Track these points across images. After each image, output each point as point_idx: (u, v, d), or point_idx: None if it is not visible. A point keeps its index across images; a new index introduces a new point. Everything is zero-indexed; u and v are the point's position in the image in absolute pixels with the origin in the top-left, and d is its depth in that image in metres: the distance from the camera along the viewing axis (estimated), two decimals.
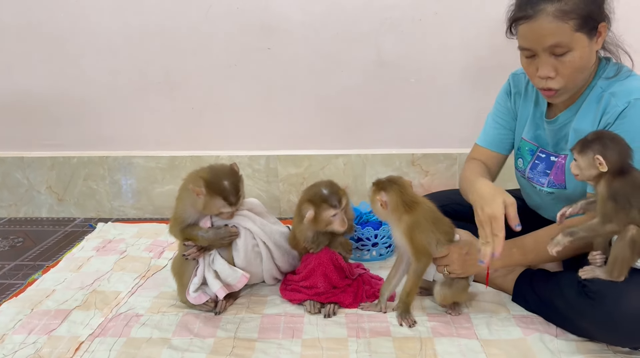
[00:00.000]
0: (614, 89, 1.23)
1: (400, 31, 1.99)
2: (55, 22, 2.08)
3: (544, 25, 1.17)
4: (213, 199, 1.36)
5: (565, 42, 1.17)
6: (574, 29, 1.16)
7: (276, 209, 2.21)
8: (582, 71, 1.23)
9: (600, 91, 1.26)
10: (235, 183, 1.38)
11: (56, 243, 2.01)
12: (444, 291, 1.37)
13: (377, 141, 2.14)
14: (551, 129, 1.37)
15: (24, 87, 2.18)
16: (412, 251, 1.34)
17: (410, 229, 1.32)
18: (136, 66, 2.11)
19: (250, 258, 1.47)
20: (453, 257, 1.32)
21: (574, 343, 1.25)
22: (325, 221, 1.41)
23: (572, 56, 1.19)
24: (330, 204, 1.39)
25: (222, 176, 1.37)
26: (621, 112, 1.20)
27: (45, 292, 1.57)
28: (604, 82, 1.26)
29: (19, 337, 1.35)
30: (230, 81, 2.10)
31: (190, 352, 1.28)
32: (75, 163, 2.22)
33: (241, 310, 1.46)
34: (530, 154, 1.44)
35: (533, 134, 1.43)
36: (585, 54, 1.20)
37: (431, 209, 1.36)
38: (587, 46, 1.19)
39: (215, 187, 1.35)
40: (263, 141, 2.17)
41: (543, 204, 1.46)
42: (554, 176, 1.37)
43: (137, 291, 1.57)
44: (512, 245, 1.30)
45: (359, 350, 1.26)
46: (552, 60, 1.21)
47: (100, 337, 1.34)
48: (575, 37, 1.17)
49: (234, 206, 1.38)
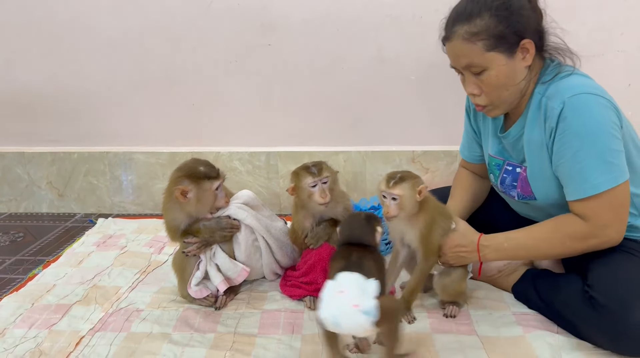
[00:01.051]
0: (549, 92, 1.23)
1: (401, 28, 1.99)
2: (55, 18, 2.08)
3: (457, 47, 1.23)
4: (201, 186, 1.37)
5: (477, 62, 1.21)
6: (485, 49, 1.19)
7: (276, 205, 2.22)
8: (506, 88, 1.24)
9: (539, 97, 1.25)
10: (204, 162, 1.42)
11: (56, 239, 2.01)
12: (443, 281, 1.38)
13: (377, 138, 2.14)
14: (507, 142, 1.37)
15: (24, 83, 2.18)
16: (423, 251, 1.33)
17: (428, 227, 1.31)
18: (136, 62, 2.11)
19: (251, 252, 1.48)
20: (444, 249, 1.33)
21: (574, 341, 1.26)
22: (306, 192, 1.41)
23: (489, 75, 1.22)
24: (309, 171, 1.40)
25: (192, 166, 1.41)
26: (560, 114, 1.18)
27: (45, 287, 1.58)
28: (541, 87, 1.26)
29: (19, 331, 1.36)
30: (230, 77, 2.10)
31: (190, 346, 1.28)
32: (76, 159, 2.22)
33: (241, 305, 1.47)
34: (497, 169, 1.44)
35: (497, 149, 1.43)
36: (503, 71, 1.21)
37: (436, 200, 1.36)
38: (505, 64, 1.21)
39: (194, 174, 1.38)
40: (263, 137, 2.17)
41: (525, 212, 1.46)
42: (520, 188, 1.36)
43: (137, 287, 1.57)
44: (503, 239, 1.30)
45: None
46: (474, 78, 1.25)
47: (100, 332, 1.35)
48: (488, 57, 1.20)
49: (219, 178, 1.40)
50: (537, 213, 1.39)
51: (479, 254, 1.32)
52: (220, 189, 1.43)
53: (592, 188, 1.18)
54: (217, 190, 1.42)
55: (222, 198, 1.44)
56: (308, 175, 1.40)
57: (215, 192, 1.42)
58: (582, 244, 1.23)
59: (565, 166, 1.21)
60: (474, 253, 1.32)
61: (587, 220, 1.21)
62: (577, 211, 1.22)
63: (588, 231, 1.21)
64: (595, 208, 1.19)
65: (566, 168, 1.21)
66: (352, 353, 1.23)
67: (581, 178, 1.18)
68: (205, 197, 1.39)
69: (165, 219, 1.45)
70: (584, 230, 1.21)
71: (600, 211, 1.19)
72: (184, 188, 1.36)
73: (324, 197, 1.40)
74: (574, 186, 1.21)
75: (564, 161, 1.21)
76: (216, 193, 1.42)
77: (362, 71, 2.05)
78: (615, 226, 1.21)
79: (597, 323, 1.17)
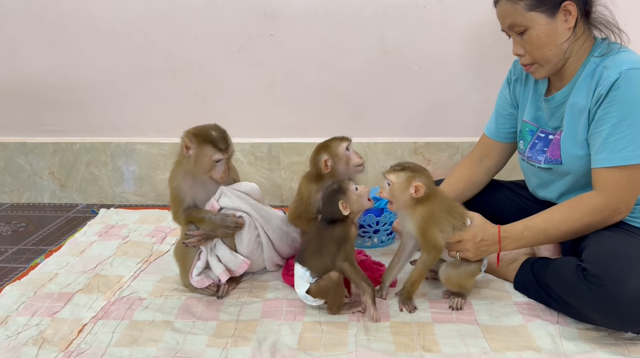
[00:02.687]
0: (606, 63, 1.28)
1: (404, 18, 1.98)
2: (57, 7, 2.08)
3: (502, 7, 1.33)
4: (203, 149, 1.38)
5: (519, 21, 1.30)
6: (526, 9, 1.28)
7: (278, 197, 2.22)
8: (549, 47, 1.30)
9: (594, 66, 1.31)
10: (222, 132, 1.41)
11: (58, 229, 2.01)
12: (448, 272, 1.37)
13: (380, 129, 2.13)
14: (549, 107, 1.41)
15: (26, 73, 2.17)
16: (423, 245, 1.33)
17: (425, 222, 1.31)
18: (139, 52, 2.11)
19: (253, 248, 1.48)
20: (467, 245, 1.32)
21: (575, 331, 1.26)
22: (344, 157, 1.45)
23: (530, 34, 1.30)
24: (340, 138, 1.48)
25: (208, 128, 1.42)
26: (614, 83, 1.23)
27: (48, 275, 1.58)
28: (597, 59, 1.31)
29: (22, 319, 1.36)
30: (232, 67, 2.09)
31: (192, 334, 1.29)
32: (78, 149, 2.22)
33: (243, 294, 1.47)
34: (530, 135, 1.47)
35: (533, 115, 1.47)
36: (544, 31, 1.28)
37: (445, 197, 1.36)
38: (547, 24, 1.28)
39: (203, 135, 1.39)
40: (265, 128, 2.17)
41: (541, 184, 1.48)
42: (550, 152, 1.40)
43: (139, 276, 1.58)
44: (522, 228, 1.32)
45: (357, 333, 1.27)
46: (519, 39, 1.33)
47: (103, 320, 1.35)
48: (529, 17, 1.28)
49: (224, 152, 1.39)
50: (553, 184, 1.43)
51: (500, 245, 1.33)
52: (221, 163, 1.40)
53: (624, 158, 1.23)
54: (218, 162, 1.40)
55: (219, 171, 1.41)
56: (342, 141, 1.46)
57: (214, 162, 1.40)
58: (597, 217, 1.28)
59: (603, 134, 1.25)
60: (495, 245, 1.33)
61: (605, 192, 1.26)
62: (598, 180, 1.27)
63: (605, 204, 1.27)
64: (618, 179, 1.25)
65: (603, 135, 1.25)
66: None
67: (616, 147, 1.23)
68: (202, 161, 1.39)
69: (170, 188, 1.45)
70: (602, 204, 1.27)
71: (621, 183, 1.25)
72: (188, 143, 1.38)
73: (360, 157, 1.46)
74: (607, 153, 1.25)
75: (603, 129, 1.25)
76: (215, 164, 1.40)
77: (365, 62, 2.04)
78: (628, 201, 1.27)
79: (590, 297, 1.18)
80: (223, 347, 1.23)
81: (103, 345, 1.25)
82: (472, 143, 2.10)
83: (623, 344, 1.21)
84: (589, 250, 1.25)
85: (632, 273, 1.15)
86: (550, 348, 1.20)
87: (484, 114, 2.06)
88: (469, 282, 1.38)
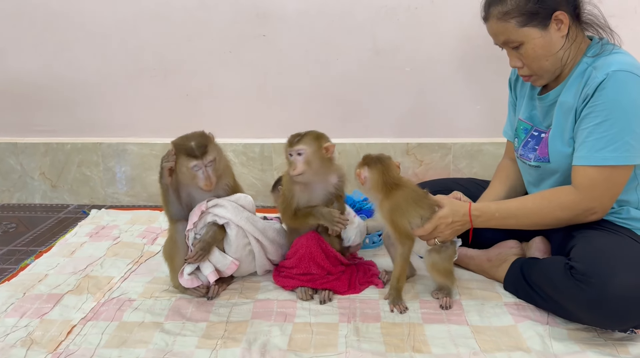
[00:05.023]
0: (597, 63, 1.30)
1: (396, 19, 1.98)
2: (48, 7, 2.07)
3: (493, 26, 1.34)
4: (180, 159, 1.39)
5: (513, 38, 1.31)
6: (518, 25, 1.29)
7: (269, 197, 2.20)
8: (545, 58, 1.32)
9: (585, 66, 1.32)
10: (200, 140, 1.41)
11: (49, 229, 2.00)
12: (433, 258, 1.39)
13: (372, 130, 2.13)
14: (542, 105, 1.42)
15: (17, 73, 2.16)
16: (396, 236, 1.36)
17: (391, 213, 1.34)
18: (130, 52, 2.10)
19: (242, 254, 1.47)
20: (441, 228, 1.35)
21: (565, 331, 1.26)
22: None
23: (526, 48, 1.31)
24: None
25: (190, 136, 1.43)
26: (600, 84, 1.24)
27: (37, 276, 1.57)
28: (589, 59, 1.33)
29: (11, 320, 1.35)
30: (225, 68, 2.09)
31: (182, 335, 1.28)
32: (69, 150, 2.21)
33: (234, 295, 1.47)
34: (524, 133, 1.49)
35: (529, 114, 1.48)
36: (540, 43, 1.30)
37: (412, 189, 1.38)
38: (541, 37, 1.29)
39: (178, 144, 1.41)
40: (258, 128, 2.16)
41: (533, 181, 1.50)
42: (539, 150, 1.41)
43: (129, 277, 1.57)
44: (495, 209, 1.36)
45: (347, 334, 1.27)
46: (514, 52, 1.34)
47: (92, 321, 1.34)
48: (522, 32, 1.29)
49: (199, 158, 1.38)
50: (543, 182, 1.44)
51: (471, 221, 1.36)
52: (202, 171, 1.39)
53: (602, 159, 1.24)
54: (199, 171, 1.39)
55: (202, 179, 1.40)
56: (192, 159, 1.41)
57: (193, 171, 1.39)
58: (569, 213, 1.30)
59: (585, 132, 1.27)
60: (467, 223, 1.37)
61: (581, 190, 1.27)
62: (576, 176, 1.29)
63: (579, 201, 1.28)
64: (594, 178, 1.26)
65: (585, 134, 1.26)
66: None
67: (595, 146, 1.24)
68: (182, 170, 1.40)
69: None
70: (575, 200, 1.28)
71: (597, 183, 1.26)
72: (170, 153, 1.40)
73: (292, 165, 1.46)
74: (585, 151, 1.26)
75: (586, 127, 1.26)
76: (194, 173, 1.39)
77: (357, 63, 2.05)
78: (604, 202, 1.28)
79: (578, 295, 1.19)
80: (212, 348, 1.23)
81: (92, 347, 1.24)
82: (464, 143, 2.12)
83: (612, 344, 1.22)
84: (577, 248, 1.26)
85: (619, 271, 1.16)
86: (540, 349, 1.21)
87: (476, 115, 2.08)
88: (451, 264, 1.41)
